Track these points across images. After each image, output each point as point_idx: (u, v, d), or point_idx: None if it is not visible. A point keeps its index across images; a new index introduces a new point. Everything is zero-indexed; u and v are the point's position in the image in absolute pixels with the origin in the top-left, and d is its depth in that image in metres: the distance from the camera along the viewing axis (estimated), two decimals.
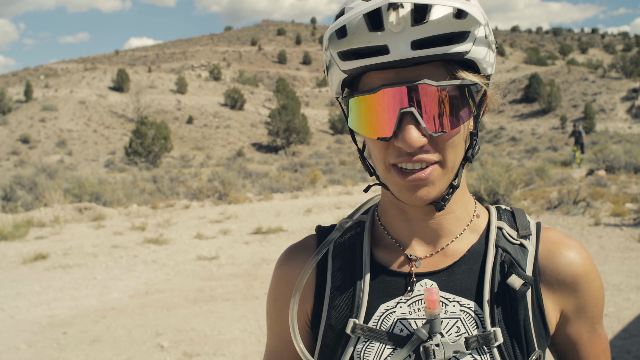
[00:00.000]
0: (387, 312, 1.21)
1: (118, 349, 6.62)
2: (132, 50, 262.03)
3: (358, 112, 1.14)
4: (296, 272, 1.32)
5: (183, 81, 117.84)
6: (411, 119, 1.08)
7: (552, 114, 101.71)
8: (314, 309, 1.29)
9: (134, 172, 39.70)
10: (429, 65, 1.08)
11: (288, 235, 13.74)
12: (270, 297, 1.39)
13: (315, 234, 1.39)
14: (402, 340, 1.17)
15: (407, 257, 1.25)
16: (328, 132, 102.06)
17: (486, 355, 1.14)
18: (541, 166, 23.36)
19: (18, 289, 9.63)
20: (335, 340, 1.23)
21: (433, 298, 1.13)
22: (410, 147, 1.07)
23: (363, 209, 1.38)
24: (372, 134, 1.12)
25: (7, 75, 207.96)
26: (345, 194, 23.56)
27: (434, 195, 1.14)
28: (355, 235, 1.31)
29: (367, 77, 1.13)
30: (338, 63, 1.13)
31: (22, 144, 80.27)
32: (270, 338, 1.42)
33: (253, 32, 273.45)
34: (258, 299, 8.54)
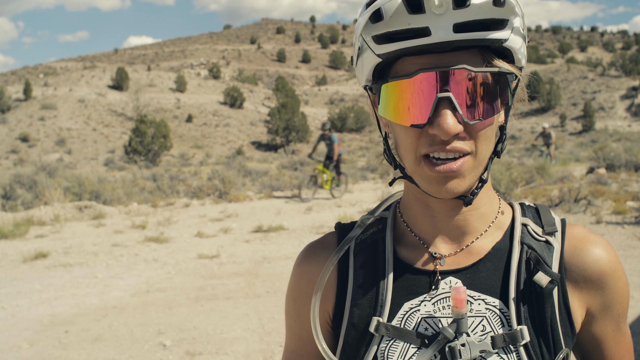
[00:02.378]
0: (411, 310, 1.18)
1: (120, 348, 6.60)
2: (131, 48, 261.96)
3: (391, 99, 1.11)
4: (316, 270, 1.29)
5: (182, 80, 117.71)
6: (447, 105, 1.05)
7: (552, 112, 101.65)
8: (336, 308, 1.26)
9: (133, 170, 39.68)
10: (466, 52, 1.07)
11: (289, 234, 13.72)
12: (289, 296, 1.36)
13: (335, 231, 1.36)
14: (428, 340, 1.15)
15: (431, 254, 1.22)
16: None
17: (513, 354, 1.11)
18: (542, 164, 23.35)
19: (19, 288, 9.61)
20: (358, 339, 1.20)
21: (460, 297, 1.11)
22: (446, 134, 1.04)
23: (384, 205, 1.35)
24: (406, 121, 1.09)
25: (6, 74, 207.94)
26: (346, 192, 23.53)
27: (464, 188, 1.11)
28: (377, 232, 1.29)
29: (401, 64, 1.11)
30: (372, 47, 1.10)
31: (21, 143, 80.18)
32: (290, 338, 1.39)
33: (252, 31, 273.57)
34: (260, 297, 8.52)
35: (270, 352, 6.32)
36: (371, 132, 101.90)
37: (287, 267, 10.31)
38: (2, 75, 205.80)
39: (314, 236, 13.24)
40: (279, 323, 7.27)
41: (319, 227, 14.33)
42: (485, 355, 1.11)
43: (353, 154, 64.84)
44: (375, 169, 36.85)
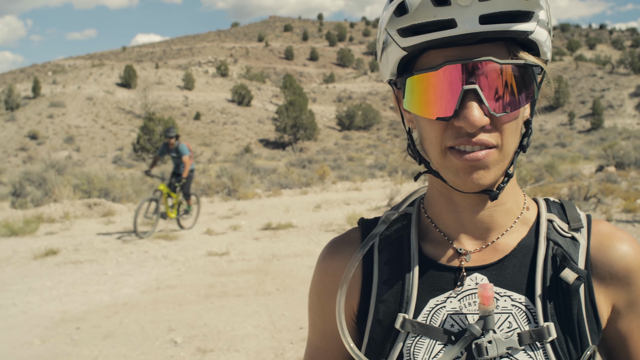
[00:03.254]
0: (437, 307, 1.18)
1: (131, 345, 6.62)
2: (139, 46, 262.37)
3: (416, 92, 1.10)
4: (341, 266, 1.28)
5: (190, 77, 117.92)
6: (473, 97, 1.05)
7: (560, 110, 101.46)
8: (361, 304, 1.26)
9: (142, 168, 39.77)
10: (492, 44, 1.07)
11: (298, 231, 13.73)
12: (313, 291, 1.36)
13: (358, 227, 1.36)
14: (454, 336, 1.14)
15: (457, 250, 1.21)
16: (335, 128, 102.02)
17: (539, 351, 1.11)
18: (551, 162, 23.33)
19: (30, 285, 9.65)
20: (384, 336, 1.20)
21: (487, 294, 1.10)
22: (472, 127, 1.04)
23: (408, 201, 1.35)
24: (431, 113, 1.09)
25: (15, 72, 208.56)
26: (354, 190, 23.56)
27: (490, 180, 1.10)
28: (401, 228, 1.28)
29: (427, 57, 1.10)
30: (397, 41, 1.10)
31: (30, 140, 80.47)
32: (313, 334, 1.38)
33: (260, 28, 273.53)
34: (270, 295, 8.53)
35: (281, 349, 6.33)
36: (379, 130, 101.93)
37: (296, 264, 10.32)
38: (11, 73, 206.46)
39: (322, 234, 13.26)
40: (289, 320, 7.28)
41: (327, 225, 14.34)
42: (512, 352, 1.11)
43: (361, 151, 64.86)
44: (383, 166, 36.83)
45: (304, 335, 6.72)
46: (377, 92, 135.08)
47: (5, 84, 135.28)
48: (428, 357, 1.15)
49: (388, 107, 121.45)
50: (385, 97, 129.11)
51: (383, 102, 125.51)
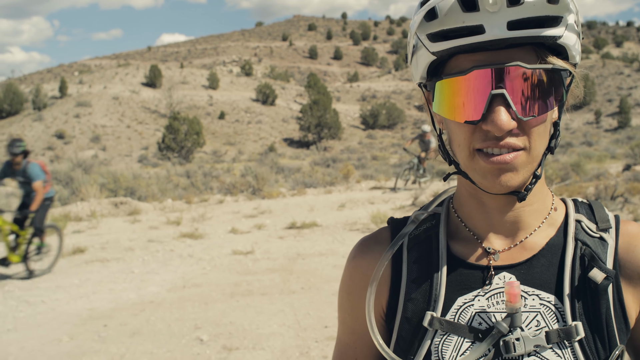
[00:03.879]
0: (465, 305, 1.20)
1: (158, 342, 6.69)
2: (164, 46, 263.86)
3: (445, 96, 1.13)
4: (371, 265, 1.31)
5: (215, 77, 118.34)
6: (501, 101, 1.06)
7: (586, 108, 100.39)
8: (390, 302, 1.28)
9: (167, 167, 40.02)
10: (520, 49, 1.08)
11: (322, 231, 13.75)
12: (343, 289, 1.38)
13: (388, 226, 1.38)
14: (482, 334, 1.15)
15: (485, 249, 1.23)
16: (359, 127, 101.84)
17: (567, 350, 1.12)
18: (577, 161, 23.10)
19: (58, 282, 9.77)
20: (412, 333, 1.22)
21: (514, 292, 1.12)
22: (500, 130, 1.06)
23: (438, 201, 1.37)
24: (460, 117, 1.11)
25: (42, 72, 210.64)
26: (378, 189, 23.50)
27: (518, 182, 1.12)
28: (430, 227, 1.30)
29: (456, 61, 1.12)
30: (427, 45, 1.12)
31: (57, 140, 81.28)
32: (343, 331, 1.40)
33: (284, 28, 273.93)
34: (295, 293, 8.56)
35: (307, 347, 6.36)
36: (403, 129, 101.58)
37: (321, 263, 10.34)
38: (39, 74, 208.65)
39: (347, 233, 13.27)
40: (314, 319, 7.30)
41: (352, 224, 14.34)
42: (540, 350, 1.12)
43: (385, 150, 64.66)
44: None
45: (329, 334, 6.74)
46: (401, 91, 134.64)
47: (32, 84, 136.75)
48: (456, 354, 1.16)
49: (412, 106, 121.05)
50: (409, 96, 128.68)
51: (407, 101, 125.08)
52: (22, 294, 9.08)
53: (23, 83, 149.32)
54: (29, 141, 79.92)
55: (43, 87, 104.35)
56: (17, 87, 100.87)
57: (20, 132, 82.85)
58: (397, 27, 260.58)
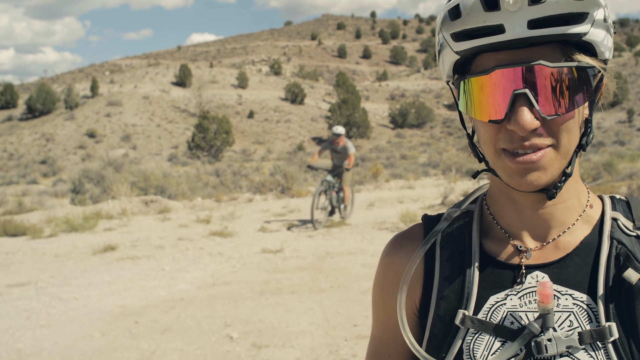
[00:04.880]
0: (497, 304, 1.18)
1: (188, 339, 6.73)
2: (194, 45, 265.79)
3: (469, 95, 1.12)
4: (404, 262, 1.30)
5: (244, 76, 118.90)
6: (525, 101, 1.05)
7: (619, 107, 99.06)
8: (422, 299, 1.27)
9: (197, 165, 40.28)
10: (545, 46, 1.06)
11: (351, 229, 13.74)
12: (376, 286, 1.38)
13: (421, 223, 1.37)
14: (513, 334, 1.14)
15: (517, 248, 1.21)
16: (388, 127, 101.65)
17: (600, 351, 1.09)
18: (609, 160, 22.81)
19: (89, 279, 9.88)
20: (444, 331, 1.21)
21: (547, 292, 1.09)
22: (523, 130, 1.04)
23: (471, 198, 1.35)
24: (484, 116, 1.10)
25: (74, 72, 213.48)
26: (407, 188, 23.47)
27: (545, 181, 1.10)
28: (463, 225, 1.29)
29: (480, 59, 1.11)
30: (451, 44, 1.11)
31: (88, 139, 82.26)
32: (376, 327, 1.40)
33: (313, 27, 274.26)
34: (324, 292, 8.57)
35: (336, 346, 6.36)
36: (432, 127, 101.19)
37: (350, 262, 10.33)
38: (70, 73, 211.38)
39: (376, 232, 13.25)
40: (343, 318, 7.30)
41: (381, 223, 14.32)
42: (572, 350, 1.10)
43: (414, 149, 64.51)
44: (437, 164, 36.57)
45: (359, 332, 6.73)
46: (430, 90, 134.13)
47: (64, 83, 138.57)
48: (487, 353, 1.15)
49: (442, 105, 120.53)
50: (438, 95, 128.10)
51: (436, 100, 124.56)
52: (54, 291, 9.21)
53: (55, 83, 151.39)
54: (61, 140, 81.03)
55: (75, 87, 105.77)
56: (49, 87, 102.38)
57: (53, 131, 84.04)
58: (427, 26, 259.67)
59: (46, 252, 12.51)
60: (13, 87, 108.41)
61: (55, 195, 27.33)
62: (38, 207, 21.37)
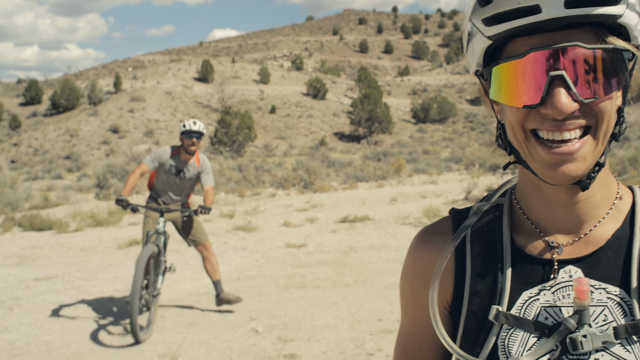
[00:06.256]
0: (531, 299, 1.16)
1: (214, 333, 6.77)
2: (215, 41, 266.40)
3: (502, 80, 1.09)
4: (433, 256, 1.29)
5: (266, 71, 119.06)
6: (561, 83, 1.02)
7: None
8: (454, 295, 1.26)
9: (219, 161, 40.43)
10: (579, 29, 1.04)
11: (375, 224, 13.73)
12: (405, 280, 1.37)
13: (449, 216, 1.36)
14: (548, 330, 1.12)
15: (549, 243, 1.19)
16: (410, 122, 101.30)
17: (636, 345, 1.08)
18: (634, 155, 22.53)
19: (115, 273, 9.97)
20: (478, 327, 1.20)
21: (583, 288, 1.08)
22: (560, 113, 1.02)
23: (500, 192, 1.33)
24: (518, 101, 1.07)
25: (98, 68, 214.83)
26: (430, 183, 23.39)
27: (582, 171, 1.07)
28: (493, 219, 1.27)
29: (513, 45, 1.09)
30: (482, 30, 1.09)
31: (112, 134, 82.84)
32: (406, 320, 1.39)
33: (334, 22, 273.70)
34: (348, 286, 8.58)
35: (361, 340, 6.37)
36: (455, 122, 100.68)
37: (374, 257, 10.33)
38: (94, 69, 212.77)
39: (399, 227, 13.23)
40: (368, 312, 7.31)
41: (404, 218, 14.29)
42: (608, 345, 1.08)
43: (437, 144, 64.26)
44: (460, 160, 36.39)
45: (383, 327, 6.74)
46: (452, 85, 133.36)
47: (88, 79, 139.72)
48: (522, 349, 1.14)
49: (464, 100, 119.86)
50: (461, 90, 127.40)
51: (459, 95, 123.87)
52: (81, 284, 9.30)
53: (79, 79, 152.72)
54: (85, 135, 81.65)
55: (98, 83, 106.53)
56: (73, 83, 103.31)
57: (77, 127, 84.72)
58: (449, 20, 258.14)
59: (72, 246, 12.64)
60: (38, 84, 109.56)
61: (80, 190, 27.56)
62: (63, 202, 21.53)
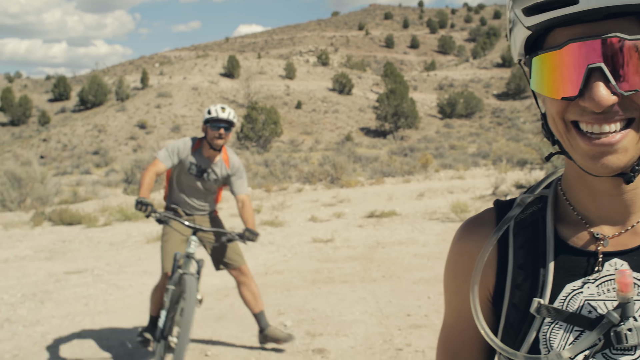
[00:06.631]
0: (574, 292, 1.14)
1: (243, 327, 6.80)
2: (241, 37, 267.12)
3: (541, 72, 1.07)
4: (476, 247, 1.27)
5: (291, 67, 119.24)
6: (600, 75, 0.99)
7: None
8: (496, 287, 1.25)
9: (246, 156, 40.57)
10: (621, 19, 1.00)
11: (402, 219, 13.70)
12: (448, 272, 1.35)
13: (493, 207, 1.34)
14: (591, 323, 1.09)
15: (594, 235, 1.16)
16: (437, 117, 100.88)
17: None
18: None
19: (144, 267, 10.05)
20: (520, 320, 1.18)
21: (626, 281, 1.05)
22: (599, 107, 0.99)
23: (545, 183, 1.31)
24: (556, 93, 1.05)
25: (125, 64, 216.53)
26: (457, 178, 23.28)
27: (623, 164, 1.04)
28: (537, 211, 1.25)
29: (553, 36, 1.07)
30: (522, 20, 1.07)
31: (139, 130, 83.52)
32: (449, 313, 1.38)
33: (360, 17, 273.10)
34: (376, 281, 8.56)
35: (389, 335, 6.35)
36: (481, 117, 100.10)
37: (401, 252, 10.30)
38: (121, 65, 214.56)
39: (427, 222, 13.18)
40: (396, 307, 7.29)
41: (431, 213, 14.24)
42: None
43: (463, 139, 63.93)
44: (487, 155, 36.17)
45: (412, 322, 6.72)
46: (479, 80, 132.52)
47: (115, 75, 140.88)
48: (564, 343, 1.12)
49: (491, 95, 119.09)
50: (488, 84, 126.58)
51: (485, 90, 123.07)
52: (111, 278, 9.39)
53: (107, 75, 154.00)
54: (113, 131, 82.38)
55: (125, 79, 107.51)
56: (101, 79, 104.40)
57: (104, 123, 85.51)
58: (475, 15, 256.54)
59: (101, 240, 12.76)
60: (66, 80, 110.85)
61: (108, 185, 27.83)
62: (92, 197, 21.76)
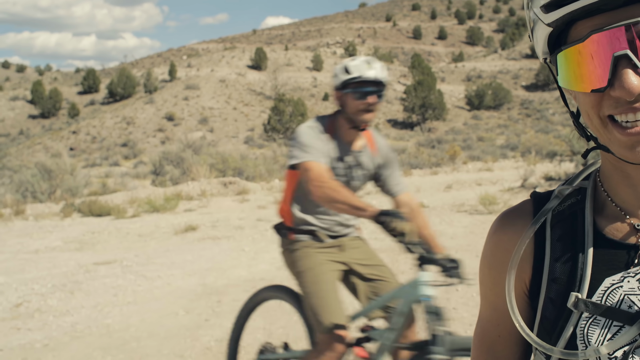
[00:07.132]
0: (613, 286, 1.09)
1: (271, 318, 6.80)
2: (268, 29, 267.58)
3: (567, 67, 1.04)
4: (513, 239, 1.23)
5: (319, 58, 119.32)
6: (628, 63, 0.96)
7: None
8: (532, 280, 1.21)
9: (273, 148, 40.67)
10: None
11: (429, 211, 13.63)
12: (484, 264, 1.32)
13: (530, 199, 1.30)
14: (631, 318, 1.05)
15: (634, 227, 1.12)
16: (464, 108, 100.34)
17: None
18: None
19: (172, 259, 10.10)
20: (556, 315, 1.14)
21: None
22: (630, 95, 0.95)
23: (584, 175, 1.26)
24: (585, 87, 1.01)
25: (153, 57, 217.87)
26: (485, 170, 23.13)
27: None
28: (575, 203, 1.21)
29: (575, 29, 1.03)
30: (542, 17, 1.04)
31: (167, 122, 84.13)
32: (485, 307, 1.35)
33: (387, 8, 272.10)
34: (404, 274, 8.51)
35: (417, 328, 6.31)
36: (510, 109, 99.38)
37: None
38: (149, 58, 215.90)
39: (454, 214, 13.10)
40: None
41: (459, 205, 14.15)
42: None
43: (491, 131, 63.52)
44: (515, 147, 35.89)
45: None
46: (507, 71, 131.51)
47: (144, 68, 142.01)
48: (603, 338, 1.08)
49: (519, 86, 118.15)
50: (516, 76, 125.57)
51: (514, 81, 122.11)
52: (139, 269, 9.45)
53: (135, 67, 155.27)
54: (141, 123, 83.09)
55: (154, 71, 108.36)
56: (129, 72, 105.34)
57: (133, 115, 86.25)
58: (504, 5, 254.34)
59: (130, 231, 12.87)
60: (95, 73, 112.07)
61: (137, 177, 28.10)
62: (121, 189, 21.96)
